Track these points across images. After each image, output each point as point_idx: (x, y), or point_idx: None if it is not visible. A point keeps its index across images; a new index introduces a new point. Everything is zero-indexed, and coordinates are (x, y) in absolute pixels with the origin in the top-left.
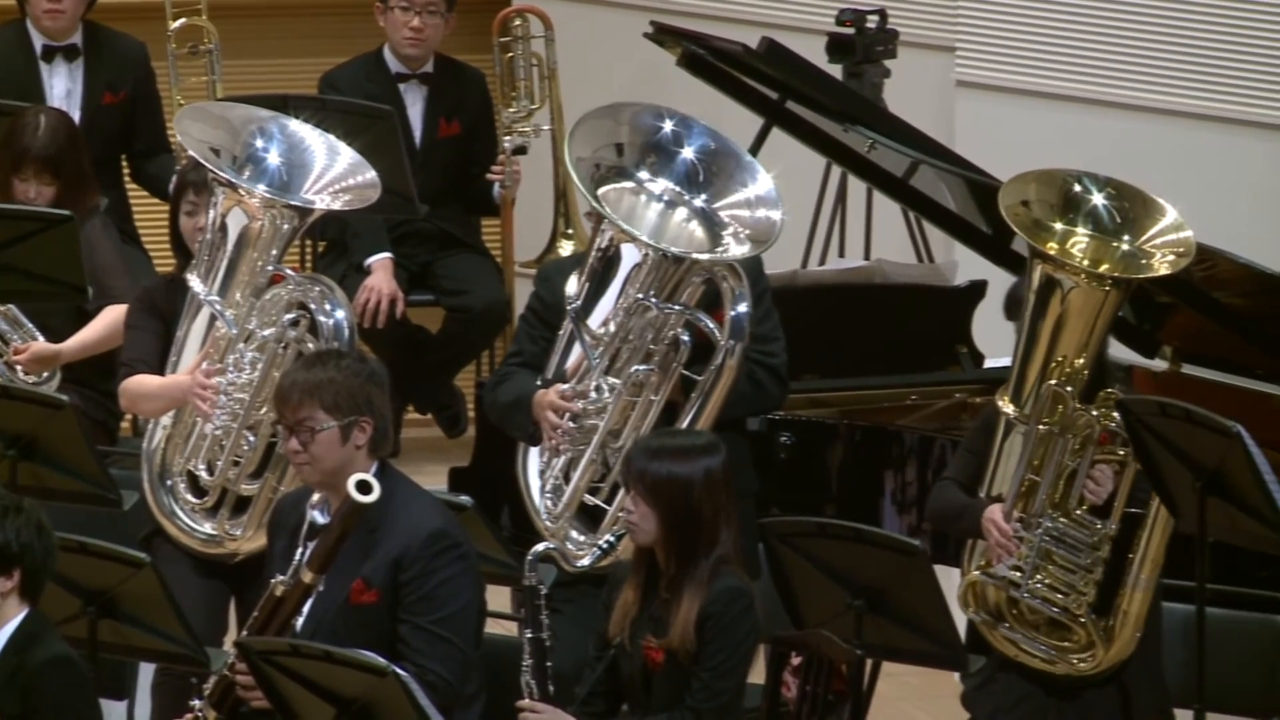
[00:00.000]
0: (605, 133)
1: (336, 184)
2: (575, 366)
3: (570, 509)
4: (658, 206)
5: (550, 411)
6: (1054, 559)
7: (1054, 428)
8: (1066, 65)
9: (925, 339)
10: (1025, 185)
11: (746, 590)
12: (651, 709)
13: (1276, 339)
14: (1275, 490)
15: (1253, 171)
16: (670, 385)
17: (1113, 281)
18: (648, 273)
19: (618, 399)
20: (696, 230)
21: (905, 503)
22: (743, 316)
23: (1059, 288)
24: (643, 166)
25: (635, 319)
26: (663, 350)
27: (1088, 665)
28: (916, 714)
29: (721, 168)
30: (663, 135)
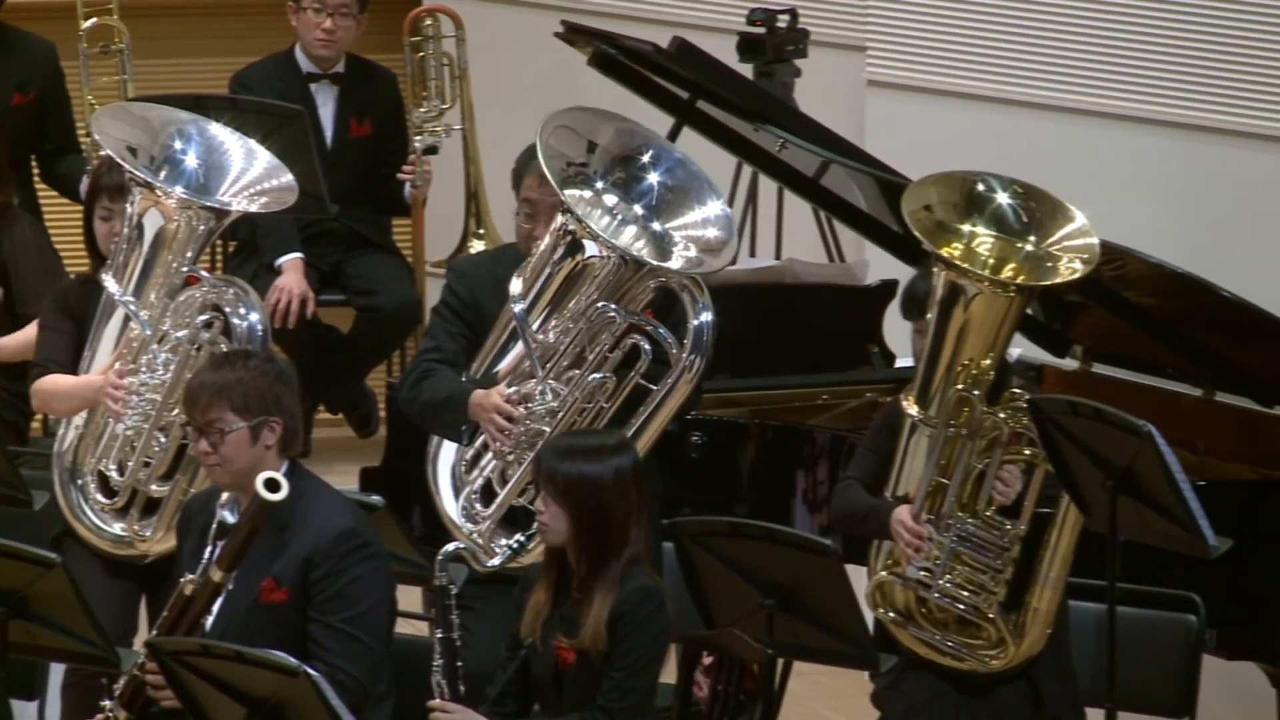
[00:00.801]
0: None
1: (253, 187)
2: (510, 369)
3: (501, 511)
4: (608, 220)
5: (496, 414)
6: (964, 559)
7: (961, 431)
8: (977, 64)
9: (836, 338)
10: (926, 189)
11: (658, 590)
12: (563, 709)
13: (1187, 338)
14: (1186, 489)
15: (1163, 171)
16: (624, 394)
17: (1016, 288)
18: (603, 277)
19: (569, 406)
20: (644, 248)
21: (816, 502)
22: (705, 328)
23: (963, 293)
24: (607, 179)
25: (587, 322)
26: (617, 358)
27: (999, 662)
28: (827, 713)
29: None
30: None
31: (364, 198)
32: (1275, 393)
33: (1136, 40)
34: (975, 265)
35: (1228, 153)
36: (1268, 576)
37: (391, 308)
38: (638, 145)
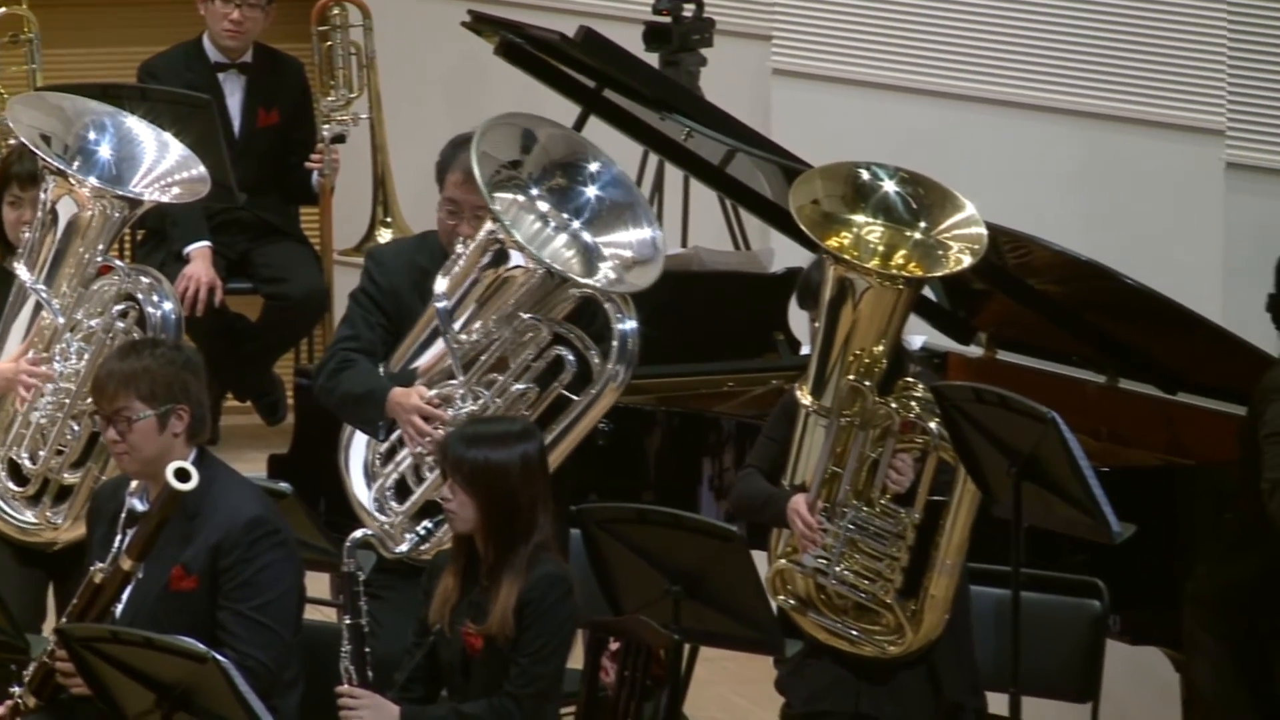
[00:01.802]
0: (517, 138)
1: (166, 178)
2: (429, 367)
3: (415, 508)
4: (539, 227)
5: (416, 415)
6: (860, 547)
7: (854, 420)
8: (882, 53)
9: (742, 326)
10: (812, 183)
11: (565, 577)
12: (470, 695)
13: (1090, 325)
14: (1090, 475)
15: (1064, 158)
16: (546, 404)
17: (905, 280)
18: (528, 286)
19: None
20: (572, 258)
21: (722, 489)
22: (629, 335)
23: (853, 287)
24: (541, 185)
25: (502, 329)
26: (540, 368)
27: (897, 648)
28: (733, 698)
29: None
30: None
31: (272, 187)
32: (1177, 379)
33: (1039, 29)
34: (864, 254)
35: (1129, 140)
36: (1170, 562)
37: (299, 296)
38: (579, 153)
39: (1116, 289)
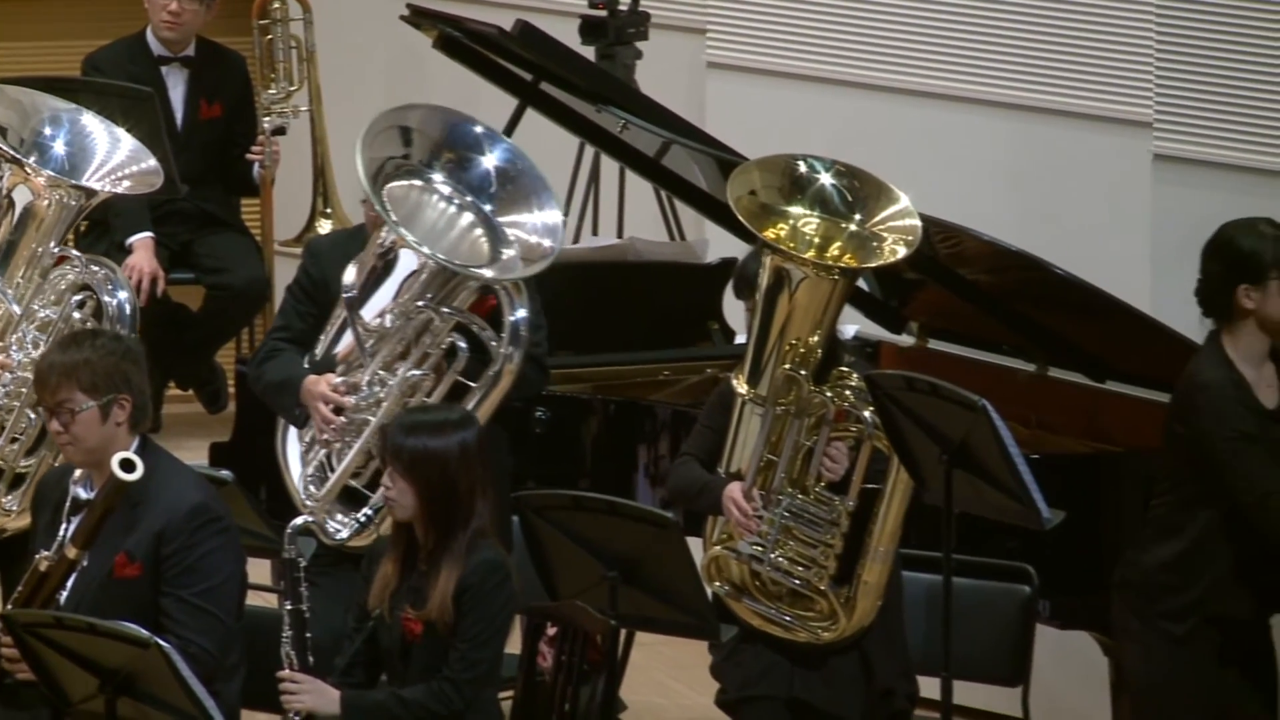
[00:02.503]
0: (396, 130)
1: (118, 170)
2: (345, 355)
3: (333, 494)
4: (443, 207)
5: (322, 404)
6: (794, 534)
7: (789, 409)
8: (816, 47)
9: (677, 315)
10: (750, 174)
11: (503, 563)
12: (410, 680)
13: (1020, 314)
14: (1020, 463)
15: (996, 150)
16: (444, 389)
17: (840, 271)
18: (427, 277)
19: (391, 399)
20: (479, 239)
21: (658, 476)
22: (521, 323)
23: (789, 278)
24: (436, 166)
25: (412, 320)
26: (438, 355)
27: (830, 634)
28: (669, 682)
29: (517, 186)
30: (464, 139)
31: (214, 178)
32: (1106, 368)
33: (970, 23)
34: (800, 246)
35: (1059, 132)
36: (1099, 547)
37: (240, 286)
38: (455, 124)
39: (1046, 279)
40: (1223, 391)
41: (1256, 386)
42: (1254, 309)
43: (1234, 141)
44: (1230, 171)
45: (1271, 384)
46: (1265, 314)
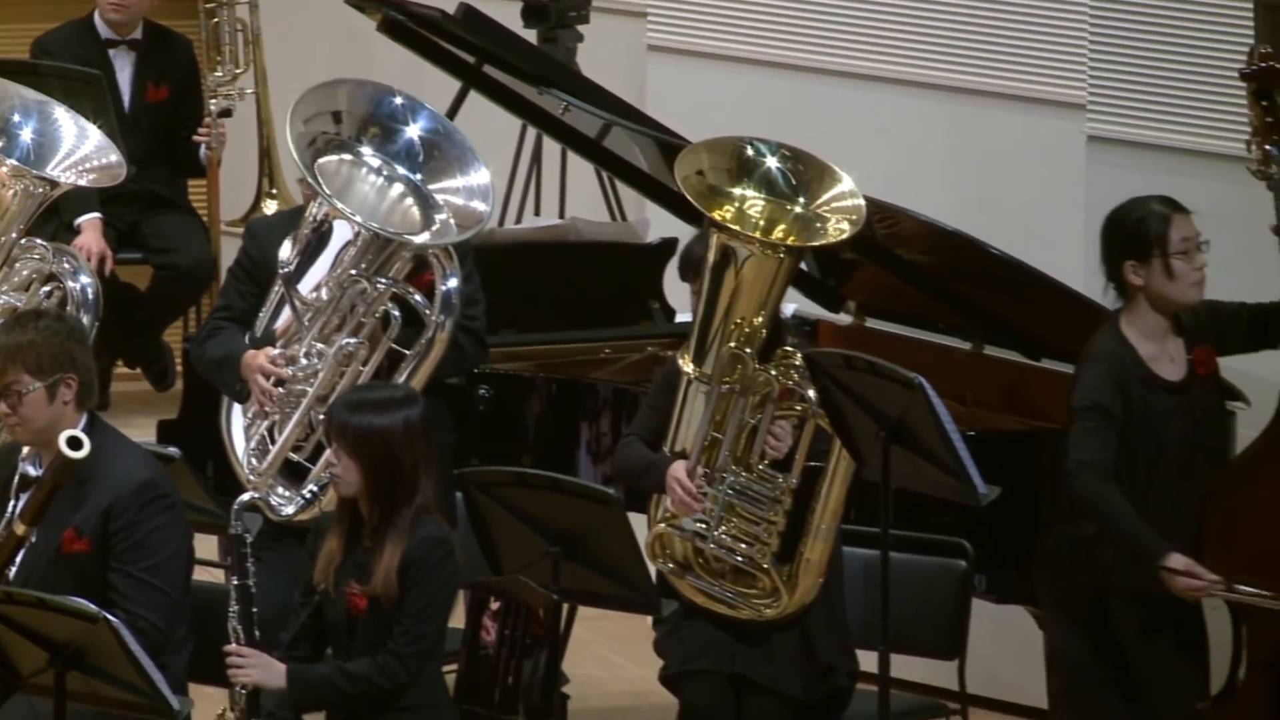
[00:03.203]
0: (325, 104)
1: (83, 164)
2: (284, 329)
3: (274, 467)
4: (374, 180)
5: (260, 375)
6: (738, 511)
7: (734, 387)
8: (755, 31)
9: (618, 294)
10: (698, 155)
11: (447, 538)
12: (355, 654)
13: (957, 294)
14: (956, 439)
15: (932, 132)
16: (379, 357)
17: (786, 249)
18: (361, 248)
19: (327, 368)
20: (410, 208)
21: (600, 453)
22: (452, 292)
23: (735, 255)
24: (364, 140)
25: (346, 290)
26: (373, 323)
27: (773, 611)
28: (611, 656)
29: (443, 152)
30: (388, 111)
31: (161, 159)
32: (1041, 346)
33: (908, 7)
34: (746, 226)
35: (994, 114)
36: (1033, 523)
37: (187, 265)
38: (382, 98)
39: (981, 258)
40: (1102, 364)
41: (1158, 361)
42: (1142, 285)
43: (1165, 123)
44: (1162, 152)
45: (1176, 358)
46: (1152, 290)
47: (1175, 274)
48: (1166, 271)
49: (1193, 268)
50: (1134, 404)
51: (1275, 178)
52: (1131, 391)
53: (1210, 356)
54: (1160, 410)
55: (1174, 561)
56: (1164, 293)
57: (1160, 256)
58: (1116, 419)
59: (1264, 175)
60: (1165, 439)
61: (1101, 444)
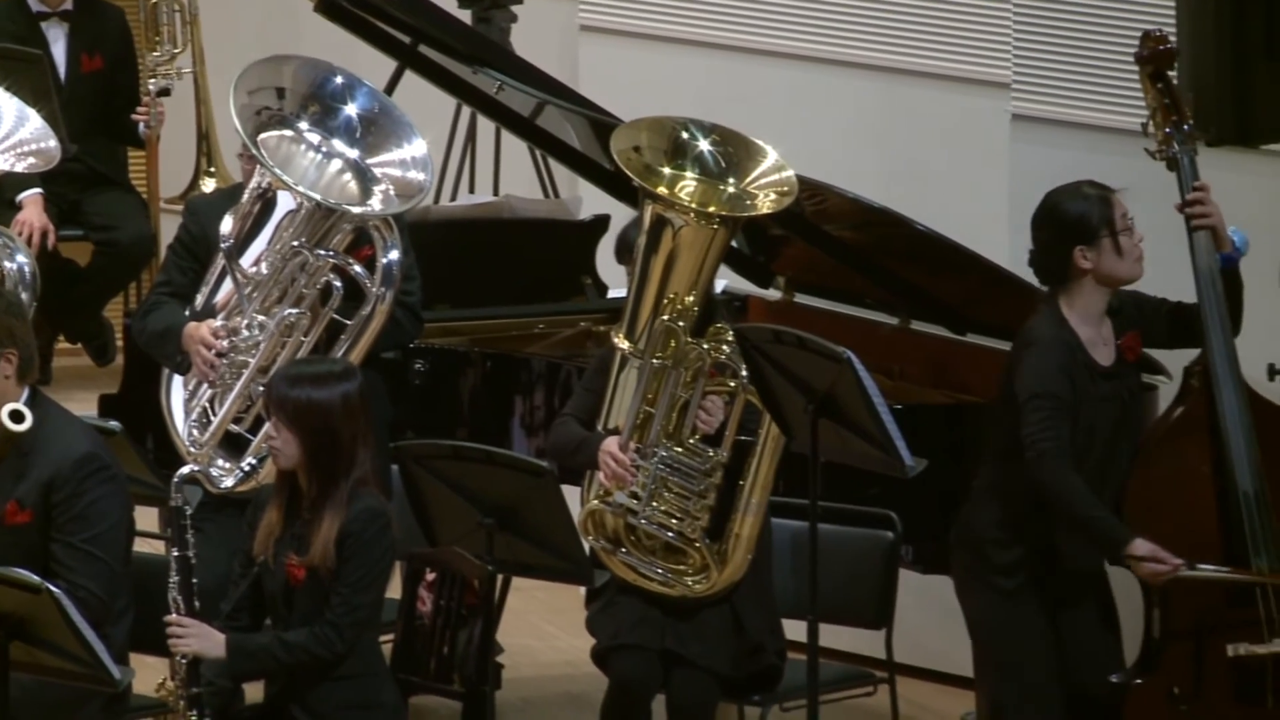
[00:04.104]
0: (269, 80)
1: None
2: (224, 302)
3: (216, 438)
4: (314, 156)
5: (202, 346)
6: (669, 486)
7: (667, 362)
8: (684, 11)
9: (552, 270)
10: (637, 132)
11: (384, 510)
12: (293, 624)
13: (883, 269)
14: (884, 412)
15: (860, 110)
16: (320, 328)
17: (720, 220)
18: (301, 219)
19: (269, 339)
20: (349, 182)
21: (534, 426)
22: (393, 264)
23: (669, 227)
24: (304, 117)
25: (287, 262)
26: (314, 295)
27: (702, 587)
28: (544, 625)
29: (380, 127)
30: (329, 89)
31: (99, 132)
32: (966, 321)
33: None
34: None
35: (921, 93)
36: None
37: (127, 242)
38: (322, 77)
39: (908, 234)
40: (1047, 350)
41: (1094, 345)
42: (1091, 268)
43: (1088, 101)
44: (1085, 130)
45: (1108, 342)
46: (1102, 271)
47: (1124, 250)
48: (1116, 249)
49: (1135, 242)
50: (1075, 390)
51: (1175, 158)
52: (1075, 377)
53: (1137, 342)
54: (1095, 395)
55: (1138, 548)
56: (1114, 271)
57: (1109, 235)
58: (1069, 405)
59: (1164, 156)
60: (1097, 424)
61: (1058, 432)
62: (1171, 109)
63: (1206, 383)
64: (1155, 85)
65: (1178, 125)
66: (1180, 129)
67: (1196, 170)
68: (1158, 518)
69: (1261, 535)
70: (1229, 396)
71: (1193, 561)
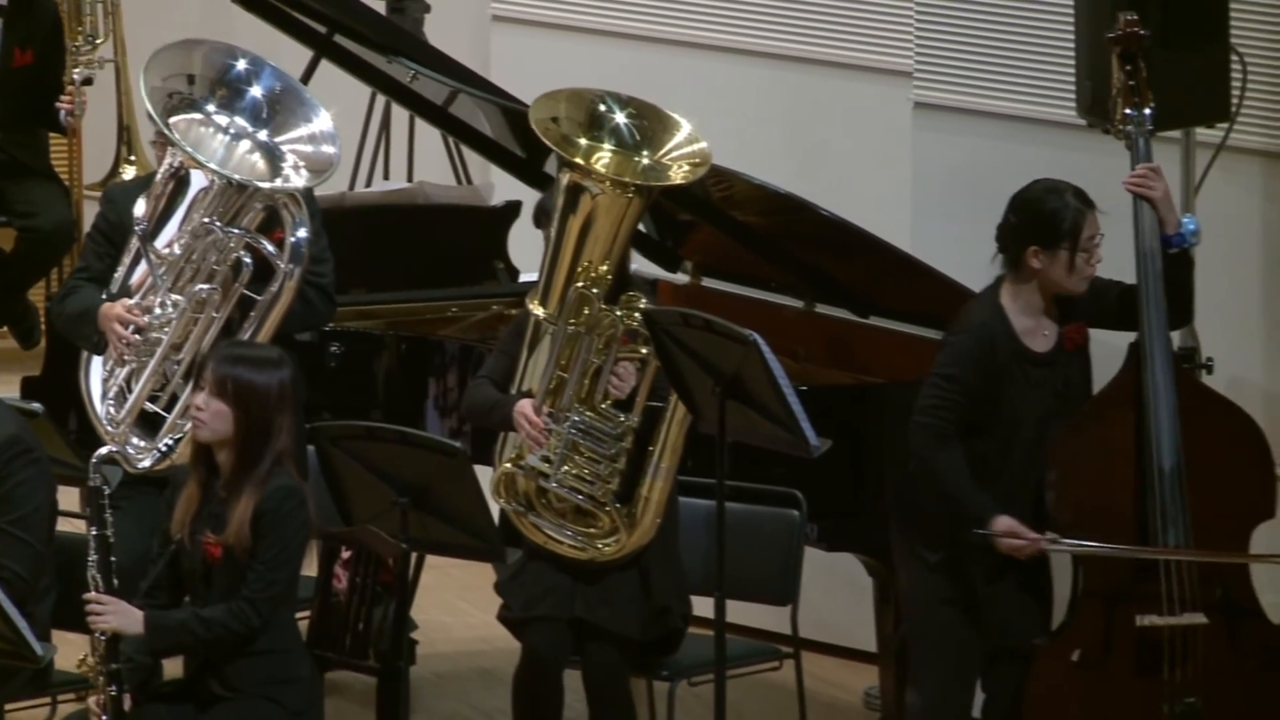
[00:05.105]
0: (178, 65)
1: None
2: (139, 283)
3: (132, 415)
4: (223, 138)
5: (116, 324)
6: (581, 450)
7: (580, 328)
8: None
9: (464, 255)
10: (556, 103)
11: (299, 489)
12: (211, 600)
13: (789, 254)
14: (789, 394)
15: (766, 99)
16: (231, 304)
17: (635, 189)
18: (213, 198)
19: (181, 315)
20: (259, 161)
21: (447, 407)
22: (302, 242)
23: (586, 194)
24: (212, 100)
25: (199, 241)
26: (225, 271)
27: (612, 550)
28: (457, 602)
29: (286, 106)
30: (234, 72)
31: (27, 124)
32: (869, 304)
33: None
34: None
35: (826, 82)
36: (864, 474)
37: (50, 229)
38: (227, 61)
39: (813, 220)
40: (969, 336)
41: (1031, 335)
42: (1039, 270)
43: (989, 90)
44: (985, 118)
45: (1048, 332)
46: (1048, 278)
47: (1076, 268)
48: (1069, 265)
49: (1090, 264)
50: (999, 375)
51: (1133, 137)
52: (999, 363)
53: (1079, 333)
54: (1025, 381)
55: (998, 525)
56: (1059, 282)
57: (1068, 250)
58: (967, 392)
59: (1122, 135)
60: (1026, 410)
61: (947, 409)
62: (1135, 91)
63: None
64: (1123, 66)
65: (1139, 108)
66: (1140, 111)
67: (1151, 153)
68: (1077, 482)
69: (1172, 511)
70: (1158, 373)
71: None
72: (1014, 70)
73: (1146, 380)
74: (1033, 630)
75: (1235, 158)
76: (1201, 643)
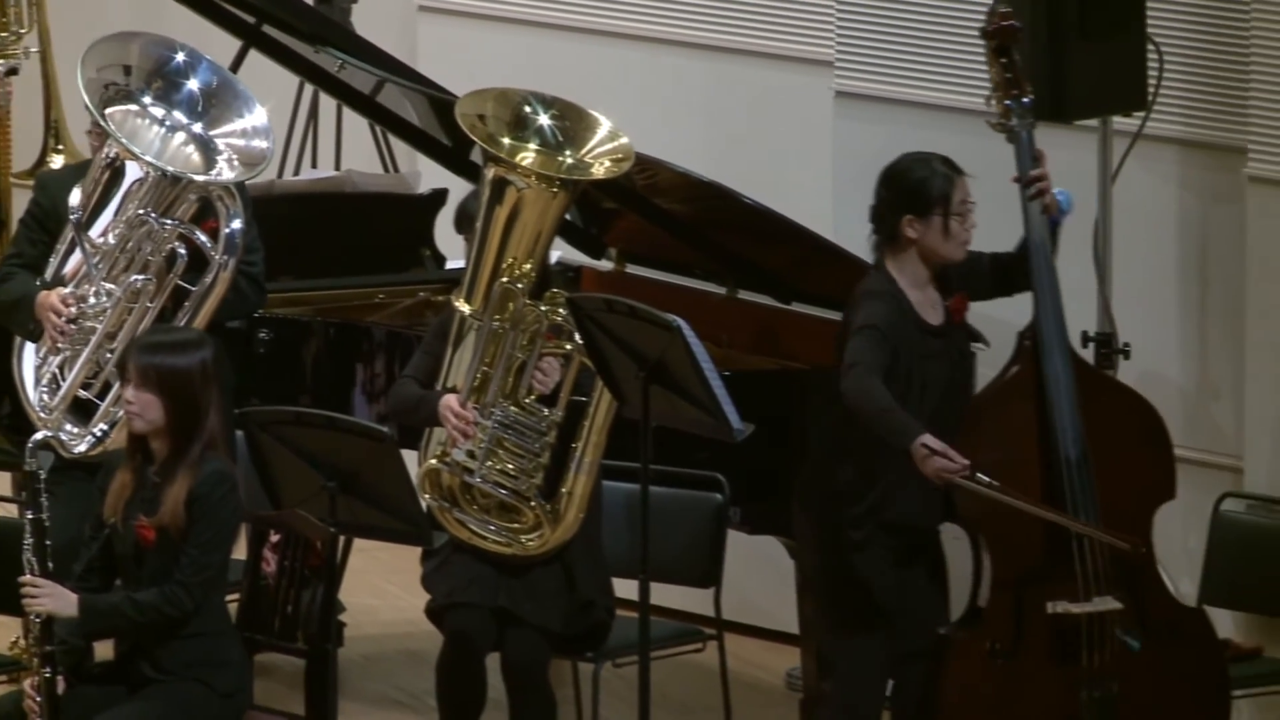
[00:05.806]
0: (115, 56)
1: None
2: (74, 271)
3: (66, 402)
4: (159, 130)
5: (51, 313)
6: (505, 445)
7: (505, 324)
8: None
9: (392, 243)
10: (484, 101)
11: (231, 474)
12: (144, 584)
13: (712, 241)
14: (713, 379)
15: (690, 88)
16: (165, 294)
17: (560, 183)
18: (147, 189)
19: (116, 305)
20: (193, 153)
21: (375, 393)
22: (236, 233)
23: (511, 188)
24: (148, 92)
25: (134, 231)
26: (159, 262)
27: (536, 545)
28: (384, 585)
29: (221, 100)
30: (171, 65)
31: None
32: (791, 290)
33: None
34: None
35: (749, 71)
36: (786, 458)
37: None
38: (165, 54)
39: (735, 207)
40: (878, 298)
41: (923, 307)
42: (916, 239)
43: (908, 79)
44: (905, 107)
45: (935, 304)
46: (926, 246)
47: (951, 233)
48: (944, 230)
49: (965, 228)
50: (904, 344)
51: (1015, 130)
52: (903, 331)
53: (963, 304)
54: (926, 353)
55: (929, 440)
56: (937, 249)
57: (941, 215)
58: (889, 338)
59: (1004, 129)
60: (929, 380)
61: (873, 353)
62: (1013, 83)
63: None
64: (999, 59)
65: (1018, 99)
66: (1020, 102)
67: (1034, 143)
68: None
69: (1081, 500)
70: (1057, 364)
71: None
72: (934, 59)
73: (1046, 371)
74: (936, 618)
75: (1152, 146)
76: (1117, 627)
